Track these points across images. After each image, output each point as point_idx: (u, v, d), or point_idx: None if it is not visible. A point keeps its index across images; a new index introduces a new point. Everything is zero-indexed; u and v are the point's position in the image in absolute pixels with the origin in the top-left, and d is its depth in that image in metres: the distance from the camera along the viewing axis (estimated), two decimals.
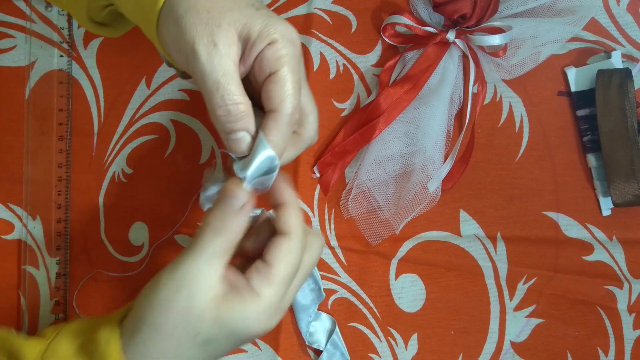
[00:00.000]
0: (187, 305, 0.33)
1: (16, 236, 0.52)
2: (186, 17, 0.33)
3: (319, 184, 0.50)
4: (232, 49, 0.34)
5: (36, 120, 0.52)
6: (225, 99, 0.33)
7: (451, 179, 0.49)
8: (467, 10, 0.45)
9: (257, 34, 0.34)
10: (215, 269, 0.33)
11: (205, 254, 0.33)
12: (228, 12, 0.34)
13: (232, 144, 0.35)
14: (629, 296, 0.48)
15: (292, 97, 0.34)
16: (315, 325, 0.49)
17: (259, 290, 0.33)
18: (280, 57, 0.34)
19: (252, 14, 0.34)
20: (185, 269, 0.33)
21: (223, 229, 0.34)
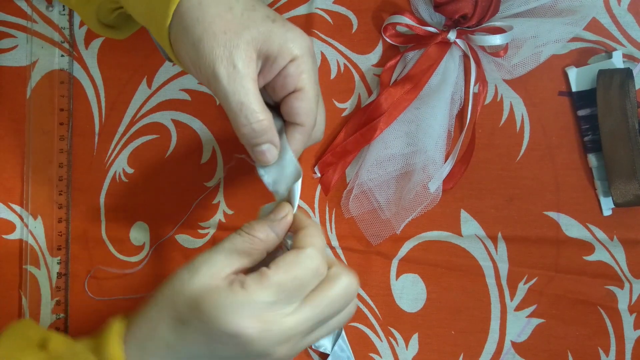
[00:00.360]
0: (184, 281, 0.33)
1: (17, 236, 0.52)
2: (204, 41, 0.34)
3: (320, 183, 0.50)
4: (251, 67, 0.34)
5: (37, 120, 0.52)
6: (250, 119, 0.35)
7: (452, 179, 0.49)
8: (468, 10, 0.45)
9: (277, 50, 0.34)
10: (226, 263, 0.34)
11: (224, 247, 0.34)
12: (245, 30, 0.34)
13: (259, 155, 0.36)
14: (629, 296, 0.48)
15: (314, 111, 0.37)
16: None
17: (247, 285, 0.32)
18: (303, 72, 0.35)
19: (269, 30, 0.34)
20: (204, 254, 0.34)
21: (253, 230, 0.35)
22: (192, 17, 0.35)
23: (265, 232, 0.36)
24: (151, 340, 0.33)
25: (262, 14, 0.35)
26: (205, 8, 0.34)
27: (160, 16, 0.36)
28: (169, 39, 0.36)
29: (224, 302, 0.32)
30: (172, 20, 0.35)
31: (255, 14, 0.35)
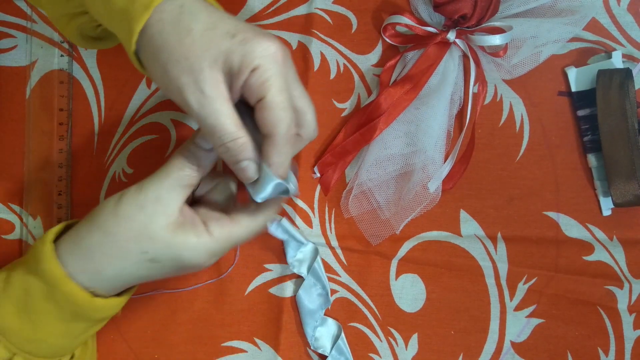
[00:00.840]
0: (145, 224, 0.36)
1: (17, 236, 0.52)
2: (169, 69, 0.35)
3: (320, 184, 0.50)
4: (219, 88, 0.35)
5: (37, 120, 0.52)
6: (223, 139, 0.35)
7: (452, 179, 0.49)
8: (468, 10, 0.45)
9: (238, 65, 0.34)
10: (176, 198, 0.37)
11: (169, 181, 0.37)
12: (205, 52, 0.34)
13: (240, 173, 0.37)
14: (629, 296, 0.49)
15: (283, 119, 0.35)
16: (321, 330, 0.49)
17: (214, 232, 0.37)
18: (264, 81, 0.34)
19: (229, 47, 0.34)
20: (149, 192, 0.37)
21: (193, 160, 0.38)
22: (155, 45, 0.35)
23: (210, 160, 0.39)
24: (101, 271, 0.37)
25: (221, 32, 0.34)
26: (165, 36, 0.35)
27: (127, 44, 0.36)
28: (140, 63, 0.37)
29: (197, 247, 0.37)
30: (139, 45, 0.36)
31: (215, 33, 0.34)
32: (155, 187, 0.37)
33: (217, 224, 0.38)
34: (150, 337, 0.51)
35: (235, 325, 0.50)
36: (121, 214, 0.37)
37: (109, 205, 0.37)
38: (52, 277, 0.37)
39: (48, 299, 0.37)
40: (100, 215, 0.37)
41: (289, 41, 0.50)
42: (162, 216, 0.37)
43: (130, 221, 0.36)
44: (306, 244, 0.49)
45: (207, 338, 0.50)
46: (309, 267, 0.49)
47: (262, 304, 0.50)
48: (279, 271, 0.50)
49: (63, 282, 0.36)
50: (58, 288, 0.37)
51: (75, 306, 0.37)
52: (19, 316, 0.38)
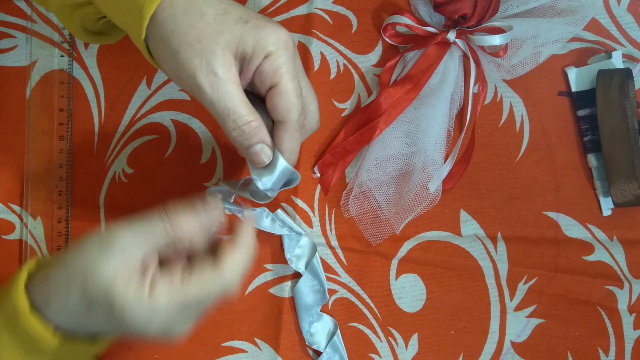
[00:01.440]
0: (94, 258, 0.33)
1: (17, 236, 0.52)
2: (181, 52, 0.34)
3: (320, 184, 0.50)
4: (231, 71, 0.35)
5: (37, 120, 0.52)
6: (237, 122, 0.35)
7: (452, 179, 0.49)
8: (468, 10, 0.45)
9: (251, 50, 0.35)
10: (138, 248, 0.34)
11: (140, 227, 0.34)
12: (219, 36, 0.34)
13: (254, 157, 0.37)
14: (629, 296, 0.48)
15: (296, 105, 0.36)
16: (316, 326, 0.49)
17: (156, 292, 0.33)
18: (278, 68, 0.35)
19: (242, 32, 0.35)
20: (116, 231, 0.34)
21: (176, 226, 0.35)
22: (166, 30, 0.35)
23: (189, 232, 0.35)
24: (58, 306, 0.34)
25: (234, 17, 0.35)
26: (178, 19, 0.35)
27: (136, 30, 0.36)
28: (149, 50, 0.37)
29: (131, 304, 0.32)
30: (148, 32, 0.36)
31: (228, 18, 0.35)
32: (124, 229, 0.34)
33: (163, 283, 0.33)
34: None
35: (235, 325, 0.50)
36: (82, 245, 0.34)
37: (82, 240, 0.35)
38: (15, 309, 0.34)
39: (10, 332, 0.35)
40: (70, 250, 0.35)
41: None
42: (114, 257, 0.33)
43: (84, 253, 0.34)
44: (303, 238, 0.49)
45: (207, 338, 0.50)
46: (307, 263, 0.49)
47: (262, 304, 0.50)
48: (279, 271, 0.50)
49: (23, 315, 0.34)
50: (18, 322, 0.34)
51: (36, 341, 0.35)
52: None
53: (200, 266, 0.34)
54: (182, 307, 0.34)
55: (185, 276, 0.34)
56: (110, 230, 0.34)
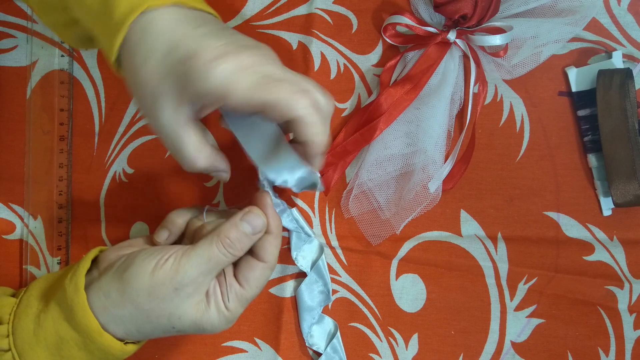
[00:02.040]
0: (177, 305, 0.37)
1: (17, 236, 0.52)
2: (134, 89, 0.35)
3: None
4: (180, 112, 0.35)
5: (37, 120, 0.52)
6: (185, 164, 0.36)
7: (452, 179, 0.49)
8: (468, 10, 0.45)
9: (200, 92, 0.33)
10: (209, 282, 0.38)
11: (206, 266, 0.37)
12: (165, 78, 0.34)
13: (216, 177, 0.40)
14: (629, 296, 0.48)
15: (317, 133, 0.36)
16: (317, 328, 0.49)
17: (231, 308, 0.38)
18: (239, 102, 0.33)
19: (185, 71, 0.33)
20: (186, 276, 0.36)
21: (237, 250, 0.38)
22: (124, 66, 0.35)
23: (246, 248, 0.39)
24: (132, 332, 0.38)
25: (178, 57, 0.33)
26: (132, 58, 0.34)
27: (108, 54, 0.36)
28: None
29: (217, 324, 0.38)
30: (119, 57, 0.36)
31: (172, 58, 0.33)
32: (193, 272, 0.36)
33: (230, 296, 0.38)
34: None
35: (235, 325, 0.50)
36: (155, 294, 0.36)
37: (142, 279, 0.37)
38: (88, 330, 0.37)
39: (81, 348, 0.37)
40: (133, 289, 0.37)
41: (289, 41, 0.51)
42: (194, 298, 0.37)
43: (164, 302, 0.36)
44: (312, 240, 0.49)
45: (207, 338, 0.50)
46: (313, 263, 0.49)
47: (262, 304, 0.50)
48: (280, 271, 0.50)
49: (98, 334, 0.37)
50: (93, 340, 0.37)
51: (108, 354, 0.38)
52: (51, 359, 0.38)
53: (251, 267, 0.39)
54: (248, 303, 0.39)
55: (244, 282, 0.38)
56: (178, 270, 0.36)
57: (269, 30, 0.50)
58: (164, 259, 0.37)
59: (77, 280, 0.37)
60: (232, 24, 0.51)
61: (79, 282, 0.37)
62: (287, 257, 0.50)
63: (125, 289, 0.37)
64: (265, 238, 0.39)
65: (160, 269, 0.36)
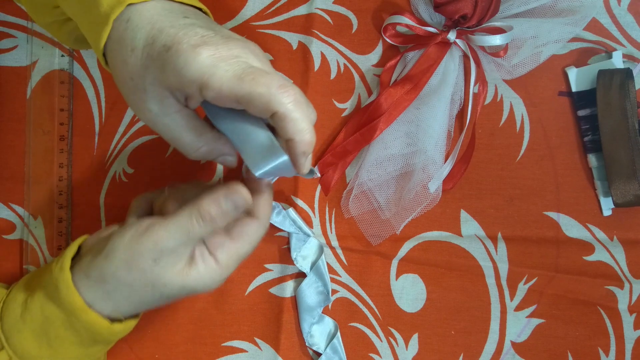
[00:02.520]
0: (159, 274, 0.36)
1: (17, 236, 0.52)
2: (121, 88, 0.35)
3: (320, 184, 0.50)
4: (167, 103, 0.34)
5: (37, 120, 0.52)
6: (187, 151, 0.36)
7: (452, 179, 0.49)
8: (468, 10, 0.45)
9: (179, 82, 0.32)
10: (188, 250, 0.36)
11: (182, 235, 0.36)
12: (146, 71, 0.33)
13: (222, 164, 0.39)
14: (629, 296, 0.48)
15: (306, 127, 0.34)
16: (317, 328, 0.49)
17: (223, 262, 0.37)
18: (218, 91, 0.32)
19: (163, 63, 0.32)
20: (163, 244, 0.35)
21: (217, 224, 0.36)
22: (110, 63, 0.35)
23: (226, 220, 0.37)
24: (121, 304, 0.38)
25: (158, 47, 0.32)
26: (114, 54, 0.34)
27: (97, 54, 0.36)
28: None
29: (210, 281, 0.37)
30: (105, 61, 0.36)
31: (153, 49, 0.33)
32: (171, 242, 0.36)
33: (222, 250, 0.37)
34: (150, 337, 0.51)
35: (235, 325, 0.50)
36: (134, 266, 0.36)
37: (119, 254, 0.36)
38: (72, 307, 0.36)
39: (67, 327, 0.37)
40: (112, 263, 0.36)
41: (289, 41, 0.51)
42: (176, 265, 0.36)
43: (144, 273, 0.36)
44: (311, 240, 0.49)
45: (207, 338, 0.51)
46: (313, 263, 0.49)
47: (262, 304, 0.50)
48: (280, 271, 0.50)
49: (82, 311, 0.37)
50: (78, 318, 0.37)
51: (95, 334, 0.38)
52: (38, 342, 0.38)
53: (244, 224, 0.38)
54: (241, 261, 0.38)
55: (237, 237, 0.37)
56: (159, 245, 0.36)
57: (269, 30, 0.50)
58: (140, 230, 0.36)
59: (62, 261, 0.38)
60: (232, 24, 0.51)
61: (64, 263, 0.37)
62: (287, 257, 0.50)
63: (104, 266, 0.36)
64: (257, 197, 0.38)
65: (137, 240, 0.36)
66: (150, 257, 0.35)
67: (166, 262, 0.36)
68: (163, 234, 0.35)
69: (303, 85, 0.50)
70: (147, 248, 0.35)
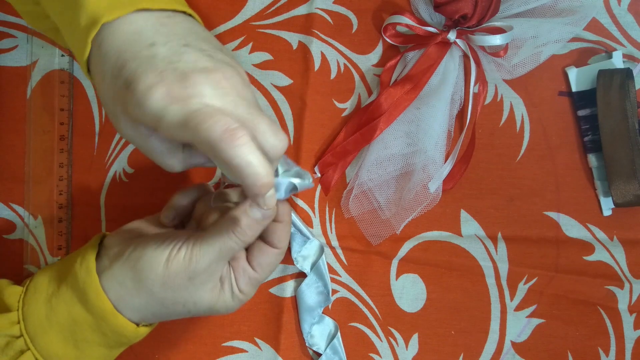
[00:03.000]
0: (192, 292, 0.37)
1: (18, 235, 0.52)
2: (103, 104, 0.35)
3: (320, 183, 0.50)
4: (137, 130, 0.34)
5: (38, 120, 0.52)
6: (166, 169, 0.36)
7: (452, 179, 0.49)
8: (468, 10, 0.45)
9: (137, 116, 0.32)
10: (221, 268, 0.37)
11: (218, 253, 0.37)
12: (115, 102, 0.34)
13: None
14: (629, 296, 0.48)
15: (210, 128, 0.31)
16: (317, 328, 0.49)
17: (244, 291, 0.39)
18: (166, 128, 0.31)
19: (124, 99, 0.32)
20: (199, 264, 0.36)
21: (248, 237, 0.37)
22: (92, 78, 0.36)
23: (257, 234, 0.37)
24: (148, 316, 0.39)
25: (120, 82, 0.32)
26: (93, 75, 0.35)
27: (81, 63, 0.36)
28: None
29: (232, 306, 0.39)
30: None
31: (117, 83, 0.32)
32: (206, 260, 0.36)
33: (244, 280, 0.38)
34: (150, 337, 0.51)
35: (235, 325, 0.50)
36: (170, 284, 0.37)
37: (156, 270, 0.37)
38: (103, 312, 0.37)
39: (95, 329, 0.38)
40: (148, 279, 0.37)
41: (289, 41, 0.51)
42: (208, 285, 0.37)
43: (178, 291, 0.37)
44: (312, 240, 0.49)
45: (207, 338, 0.50)
46: (313, 264, 0.49)
47: (262, 304, 0.50)
48: (280, 271, 0.50)
49: (112, 316, 0.37)
50: (107, 322, 0.37)
51: (122, 336, 0.38)
52: (64, 343, 0.38)
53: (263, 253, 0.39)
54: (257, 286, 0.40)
55: (257, 267, 0.39)
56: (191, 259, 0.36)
57: (269, 30, 0.50)
58: (176, 249, 0.37)
59: (88, 264, 0.38)
60: (232, 24, 0.51)
61: (90, 266, 0.38)
62: (287, 257, 0.50)
63: (140, 279, 0.37)
64: (276, 225, 0.39)
65: (174, 260, 0.36)
66: (186, 276, 0.36)
67: (200, 280, 0.37)
68: (197, 251, 0.36)
69: (303, 85, 0.50)
70: (182, 267, 0.36)
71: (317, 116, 0.50)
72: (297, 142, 0.50)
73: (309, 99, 0.50)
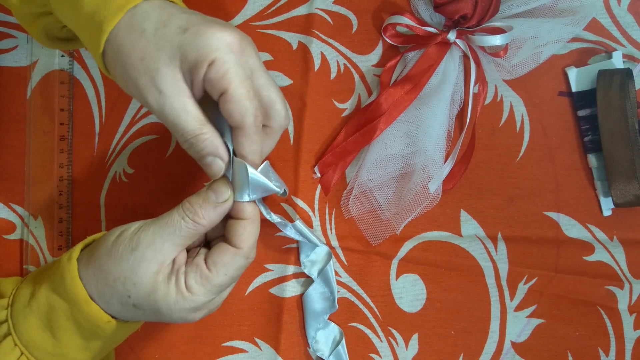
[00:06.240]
0: (133, 268, 0.36)
1: (18, 236, 0.52)
2: (128, 71, 0.35)
3: (320, 184, 0.50)
4: (178, 86, 0.34)
5: (38, 120, 0.52)
6: (185, 136, 0.35)
7: (452, 179, 0.49)
8: (468, 10, 0.45)
9: (194, 60, 0.34)
10: (170, 249, 0.36)
11: (167, 230, 0.36)
12: (160, 51, 0.34)
13: (206, 169, 0.37)
14: (629, 296, 0.49)
15: (249, 109, 0.35)
16: (322, 333, 0.49)
17: (193, 289, 0.36)
18: (224, 74, 0.34)
19: (182, 43, 0.34)
20: (146, 236, 0.36)
21: (198, 216, 0.36)
22: (115, 49, 0.35)
23: (209, 218, 0.37)
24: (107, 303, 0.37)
25: (173, 28, 0.34)
26: (121, 39, 0.35)
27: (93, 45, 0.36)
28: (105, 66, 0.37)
29: (176, 307, 0.36)
30: (104, 50, 0.36)
31: (167, 30, 0.34)
32: (152, 233, 0.36)
33: (194, 276, 0.37)
34: (150, 337, 0.51)
35: (235, 325, 0.50)
36: (114, 253, 0.36)
37: (108, 241, 0.37)
38: (75, 298, 0.37)
39: (69, 317, 0.37)
40: (98, 248, 0.37)
41: (289, 41, 0.51)
42: (151, 263, 0.36)
43: (120, 262, 0.36)
44: (320, 246, 0.49)
45: (207, 338, 0.51)
46: (321, 269, 0.49)
47: (262, 304, 0.50)
48: (280, 271, 0.50)
49: (84, 302, 0.37)
50: (80, 309, 0.37)
51: (95, 326, 0.38)
52: (42, 330, 0.38)
53: (221, 252, 0.37)
54: (217, 293, 0.37)
55: (211, 266, 0.37)
56: (138, 235, 0.36)
57: (269, 30, 0.50)
58: (134, 225, 0.37)
59: (72, 253, 0.38)
60: (232, 23, 0.51)
61: (73, 254, 0.38)
62: (287, 257, 0.50)
63: (94, 249, 0.37)
64: (239, 222, 0.38)
65: (126, 231, 0.37)
66: (129, 246, 0.36)
67: (142, 254, 0.36)
68: (147, 227, 0.37)
69: (303, 85, 0.50)
70: (129, 237, 0.36)
71: (317, 116, 0.50)
72: (297, 142, 0.50)
73: (309, 99, 0.50)
